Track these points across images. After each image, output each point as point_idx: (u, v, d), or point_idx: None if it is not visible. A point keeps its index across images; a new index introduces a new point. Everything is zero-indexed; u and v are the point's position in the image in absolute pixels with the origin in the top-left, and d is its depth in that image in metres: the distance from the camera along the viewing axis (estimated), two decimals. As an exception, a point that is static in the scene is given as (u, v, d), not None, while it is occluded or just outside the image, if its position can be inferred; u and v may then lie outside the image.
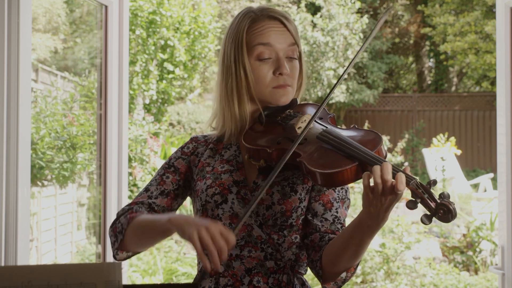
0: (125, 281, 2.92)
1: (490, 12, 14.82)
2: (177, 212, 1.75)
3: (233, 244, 1.39)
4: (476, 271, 6.24)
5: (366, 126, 10.60)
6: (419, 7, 16.82)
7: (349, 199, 1.67)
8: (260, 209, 1.60)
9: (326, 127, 1.60)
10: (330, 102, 13.86)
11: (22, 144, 2.32)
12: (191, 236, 1.38)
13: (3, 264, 2.29)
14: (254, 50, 1.63)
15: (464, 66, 16.27)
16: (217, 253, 1.37)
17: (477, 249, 6.38)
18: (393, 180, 1.36)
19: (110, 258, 2.89)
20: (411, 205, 1.36)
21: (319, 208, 1.62)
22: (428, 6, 16.34)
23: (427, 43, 18.27)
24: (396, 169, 1.38)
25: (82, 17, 8.56)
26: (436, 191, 1.37)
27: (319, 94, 13.50)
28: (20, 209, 2.32)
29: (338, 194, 1.65)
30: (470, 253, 6.38)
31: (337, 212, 1.63)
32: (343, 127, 1.67)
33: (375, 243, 5.96)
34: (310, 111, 1.69)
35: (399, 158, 10.30)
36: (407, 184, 1.36)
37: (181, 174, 1.71)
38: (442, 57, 16.85)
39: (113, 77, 2.93)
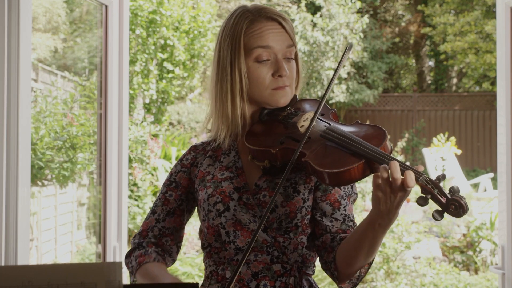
0: (126, 281, 2.92)
1: (490, 12, 14.82)
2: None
3: None
4: (476, 271, 6.25)
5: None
6: (419, 7, 16.82)
7: (356, 193, 1.65)
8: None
9: (329, 124, 1.58)
10: (330, 102, 13.85)
11: (22, 144, 2.32)
12: None
13: (3, 264, 2.29)
14: (253, 53, 1.61)
15: (464, 66, 16.27)
16: None
17: (477, 249, 6.38)
18: (402, 177, 1.35)
19: (110, 258, 2.89)
20: (421, 202, 1.35)
21: (327, 208, 1.60)
22: (428, 6, 16.34)
23: (427, 43, 18.27)
24: (404, 166, 1.37)
25: (82, 16, 8.56)
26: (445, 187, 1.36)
27: (319, 94, 13.50)
28: (20, 209, 2.32)
29: (344, 191, 1.63)
30: (470, 253, 6.39)
31: (345, 210, 1.61)
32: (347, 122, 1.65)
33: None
34: (311, 108, 1.67)
35: (399, 158, 10.30)
36: (416, 181, 1.35)
37: (182, 189, 1.71)
38: (442, 57, 16.85)
39: (113, 77, 2.93)
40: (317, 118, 1.60)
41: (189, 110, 11.66)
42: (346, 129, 1.54)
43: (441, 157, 9.13)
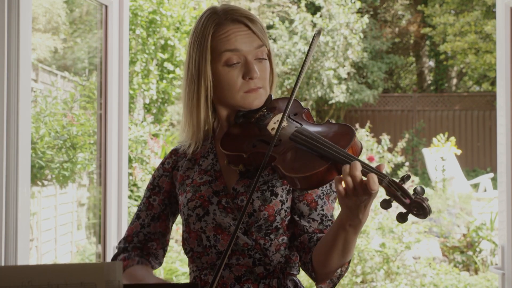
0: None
1: (490, 12, 14.82)
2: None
3: None
4: (476, 271, 6.25)
5: (367, 126, 10.61)
6: (419, 7, 16.82)
7: (334, 192, 1.61)
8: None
9: (300, 124, 1.55)
10: (330, 102, 13.84)
11: (22, 144, 2.32)
12: None
13: (3, 264, 2.29)
14: (222, 57, 1.58)
15: (464, 66, 16.28)
16: None
17: (477, 249, 6.38)
18: (364, 178, 1.32)
19: (110, 258, 2.89)
20: (384, 205, 1.31)
21: (304, 209, 1.59)
22: (428, 6, 16.35)
23: (427, 43, 18.28)
24: (367, 168, 1.33)
25: (81, 16, 8.56)
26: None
27: (319, 94, 13.50)
28: (20, 209, 2.32)
29: (322, 190, 1.60)
30: (470, 253, 6.39)
31: (323, 210, 1.59)
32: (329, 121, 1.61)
33: (375, 243, 5.96)
34: (282, 108, 1.63)
35: (400, 158, 10.30)
36: (380, 183, 1.32)
37: (165, 193, 1.70)
38: (442, 57, 16.86)
39: (113, 77, 2.93)
40: (289, 118, 1.58)
41: (189, 110, 11.63)
42: (316, 129, 1.52)
43: (441, 157, 9.13)
